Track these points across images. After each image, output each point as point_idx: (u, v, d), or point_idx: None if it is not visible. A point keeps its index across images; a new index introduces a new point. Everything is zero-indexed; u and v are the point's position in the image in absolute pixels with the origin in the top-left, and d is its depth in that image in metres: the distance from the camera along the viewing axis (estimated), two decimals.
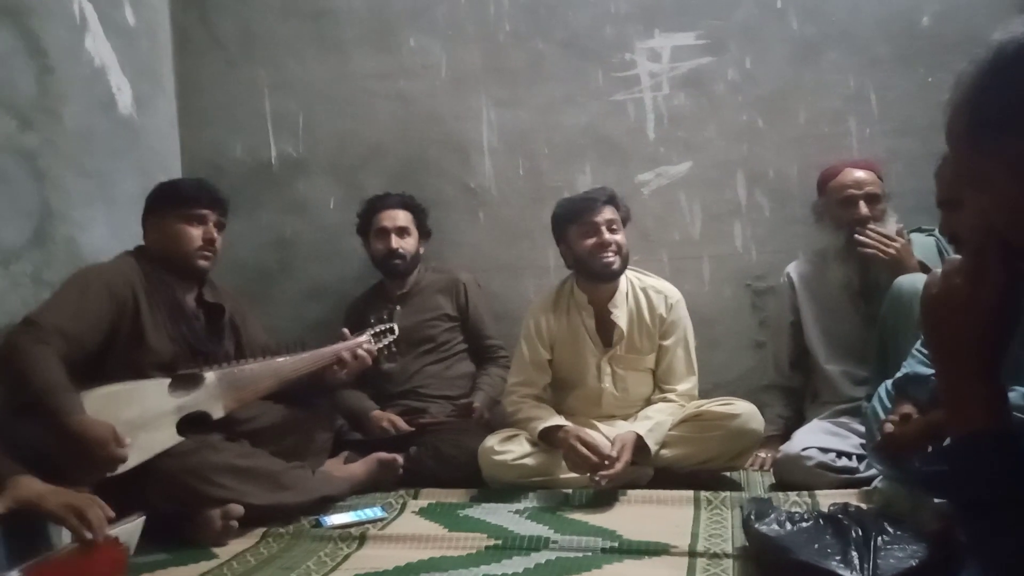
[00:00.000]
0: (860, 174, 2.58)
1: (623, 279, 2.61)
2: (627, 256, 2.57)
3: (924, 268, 2.37)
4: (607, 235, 2.51)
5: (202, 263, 2.37)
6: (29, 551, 1.51)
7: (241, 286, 2.70)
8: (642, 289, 2.62)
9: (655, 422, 2.43)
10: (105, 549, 1.53)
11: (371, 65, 3.26)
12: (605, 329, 2.60)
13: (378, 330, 2.61)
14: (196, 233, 2.35)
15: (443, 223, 3.16)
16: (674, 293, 2.64)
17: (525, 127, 3.17)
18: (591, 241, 2.52)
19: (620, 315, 2.57)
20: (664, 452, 2.42)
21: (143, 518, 1.68)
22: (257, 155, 3.34)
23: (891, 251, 2.42)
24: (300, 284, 3.32)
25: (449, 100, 3.22)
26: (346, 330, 2.53)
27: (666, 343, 2.59)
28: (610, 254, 2.51)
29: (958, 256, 0.91)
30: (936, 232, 2.52)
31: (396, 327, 2.67)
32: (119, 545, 1.58)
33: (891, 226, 2.51)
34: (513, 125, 3.18)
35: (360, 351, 2.46)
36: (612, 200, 2.57)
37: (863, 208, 2.52)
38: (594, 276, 2.56)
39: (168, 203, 2.37)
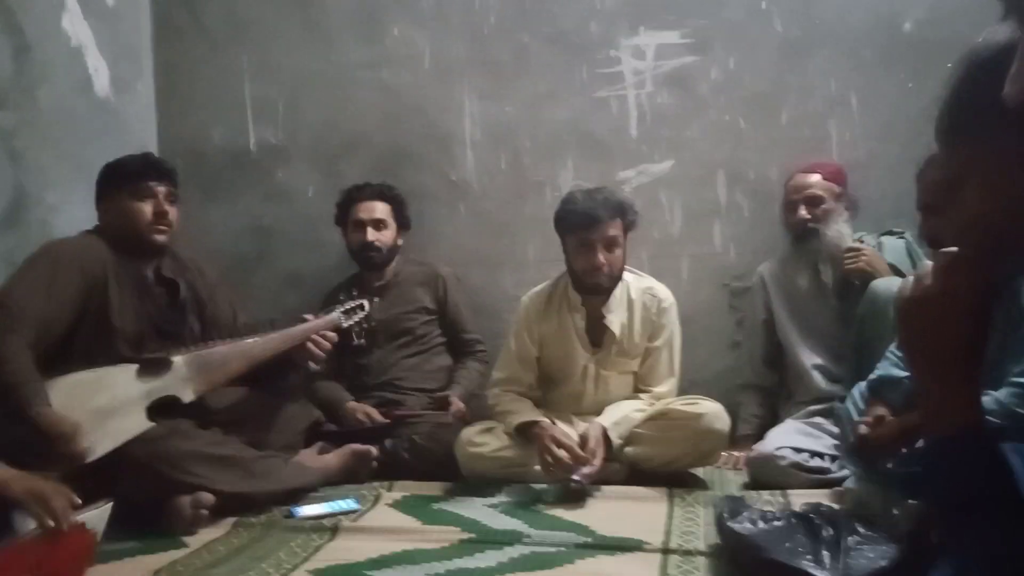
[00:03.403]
0: (807, 178, 2.66)
1: (622, 280, 2.57)
2: (620, 271, 2.54)
3: (896, 271, 2.40)
4: (601, 257, 2.44)
5: (158, 238, 2.33)
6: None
7: (219, 273, 2.67)
8: (638, 291, 2.59)
9: (622, 415, 2.44)
10: (72, 534, 1.51)
11: (355, 54, 3.23)
12: (596, 331, 2.57)
13: (348, 307, 2.59)
14: (147, 208, 2.31)
15: (424, 215, 3.14)
16: (668, 297, 2.61)
17: (508, 121, 3.16)
18: (583, 260, 2.47)
19: (614, 320, 2.53)
20: (629, 449, 2.42)
21: (111, 504, 1.66)
22: (237, 141, 3.30)
23: (860, 263, 2.45)
24: (278, 272, 3.29)
25: (432, 91, 3.20)
26: (308, 315, 2.51)
27: (652, 345, 2.58)
28: (601, 275, 2.48)
29: (931, 262, 0.91)
30: (906, 235, 2.56)
31: (366, 303, 2.65)
32: (86, 531, 1.56)
33: (843, 228, 2.59)
34: (496, 118, 3.17)
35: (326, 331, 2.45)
36: (618, 212, 2.47)
37: (801, 211, 2.63)
38: (582, 289, 2.55)
39: (116, 182, 2.34)
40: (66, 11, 2.78)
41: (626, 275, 2.60)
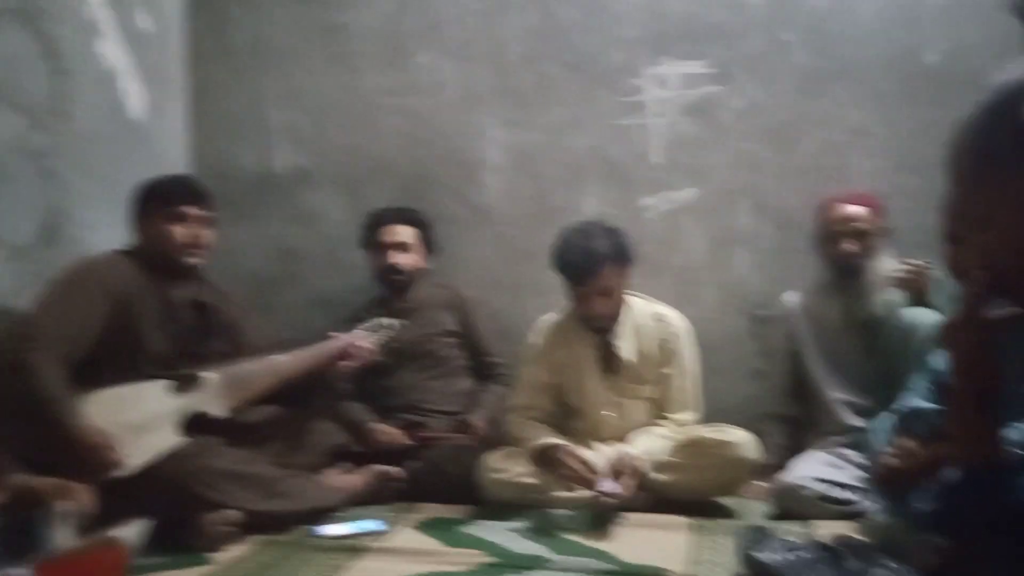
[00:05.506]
0: (849, 209, 2.58)
1: (628, 307, 2.58)
2: (619, 309, 2.54)
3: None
4: (598, 307, 2.46)
5: (190, 260, 2.36)
6: (27, 550, 1.51)
7: (245, 295, 2.71)
8: (645, 316, 2.59)
9: (651, 444, 2.43)
10: (110, 550, 1.53)
11: (380, 80, 3.28)
12: (608, 357, 2.57)
13: (372, 325, 2.62)
14: (180, 231, 2.34)
15: (447, 240, 3.17)
16: (680, 323, 2.61)
17: (531, 148, 3.20)
18: (581, 307, 2.50)
19: (625, 347, 2.54)
20: (657, 476, 2.42)
21: (150, 523, 1.68)
22: (265, 164, 3.35)
23: (915, 278, 2.41)
24: (305, 294, 3.32)
25: (456, 118, 3.24)
26: (334, 333, 2.54)
27: (666, 371, 2.57)
28: (599, 320, 2.50)
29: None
30: (936, 270, 2.54)
31: (392, 321, 2.67)
32: (123, 547, 1.58)
33: (887, 263, 2.53)
34: (519, 145, 3.21)
35: (360, 343, 2.49)
36: (611, 257, 2.43)
37: (847, 245, 2.55)
38: (586, 326, 2.56)
39: (151, 203, 2.37)
40: (100, 36, 2.84)
41: (633, 301, 2.60)
